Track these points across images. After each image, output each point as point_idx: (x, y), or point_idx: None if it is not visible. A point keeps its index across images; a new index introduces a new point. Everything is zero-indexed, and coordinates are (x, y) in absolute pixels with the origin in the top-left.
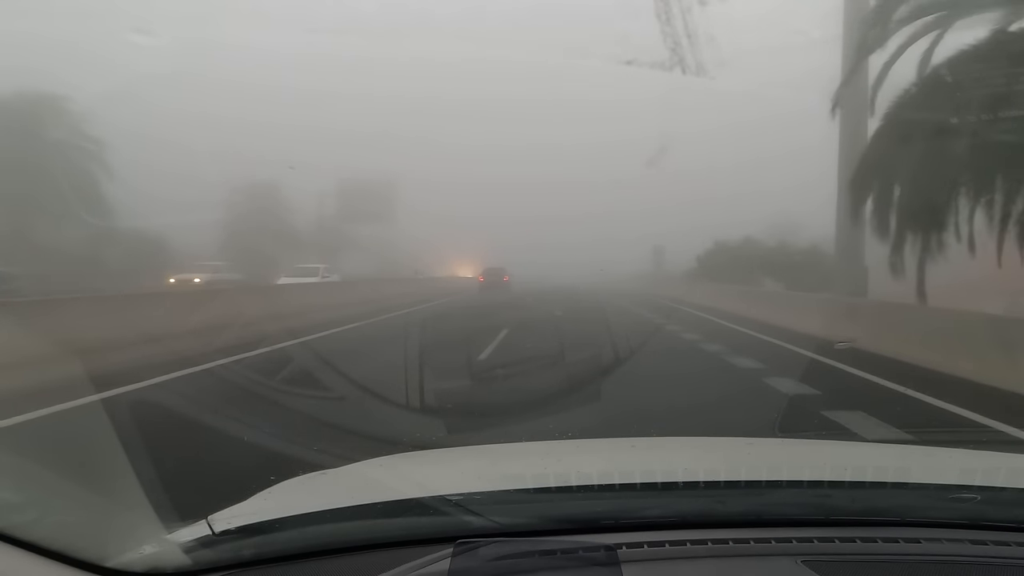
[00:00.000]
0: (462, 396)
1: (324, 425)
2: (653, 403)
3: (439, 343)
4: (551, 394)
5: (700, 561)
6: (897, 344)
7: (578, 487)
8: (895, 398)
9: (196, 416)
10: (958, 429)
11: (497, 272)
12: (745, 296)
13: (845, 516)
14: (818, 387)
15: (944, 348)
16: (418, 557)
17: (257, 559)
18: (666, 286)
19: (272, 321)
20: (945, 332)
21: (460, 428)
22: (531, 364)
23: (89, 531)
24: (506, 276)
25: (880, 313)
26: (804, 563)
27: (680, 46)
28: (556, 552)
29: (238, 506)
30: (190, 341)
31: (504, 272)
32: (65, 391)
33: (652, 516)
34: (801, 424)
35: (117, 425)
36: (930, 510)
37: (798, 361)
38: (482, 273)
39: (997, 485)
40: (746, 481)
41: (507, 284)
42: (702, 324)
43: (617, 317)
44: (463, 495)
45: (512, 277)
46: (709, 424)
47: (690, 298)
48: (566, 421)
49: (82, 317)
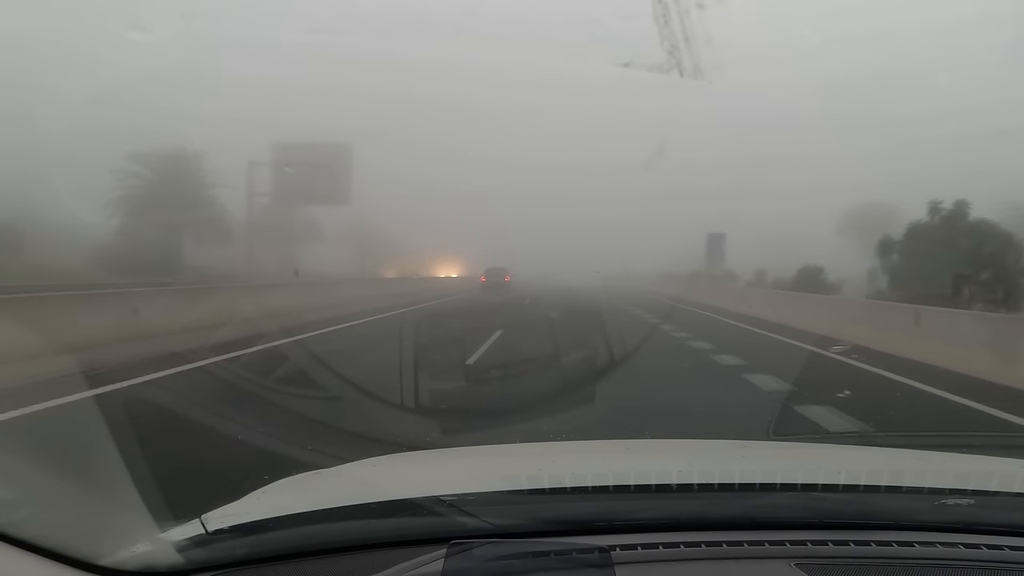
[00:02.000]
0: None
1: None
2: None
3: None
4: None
5: (694, 563)
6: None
7: (572, 488)
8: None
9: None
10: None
11: (499, 272)
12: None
13: (839, 519)
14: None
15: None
16: (412, 558)
17: (250, 558)
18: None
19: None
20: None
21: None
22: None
23: (82, 529)
24: (507, 276)
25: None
26: (797, 566)
27: (678, 49)
28: (550, 553)
29: (231, 505)
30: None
31: (505, 272)
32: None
33: (646, 518)
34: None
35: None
36: (924, 514)
37: None
38: (484, 273)
39: (991, 489)
40: (740, 484)
41: (508, 284)
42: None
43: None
44: (457, 496)
45: (513, 278)
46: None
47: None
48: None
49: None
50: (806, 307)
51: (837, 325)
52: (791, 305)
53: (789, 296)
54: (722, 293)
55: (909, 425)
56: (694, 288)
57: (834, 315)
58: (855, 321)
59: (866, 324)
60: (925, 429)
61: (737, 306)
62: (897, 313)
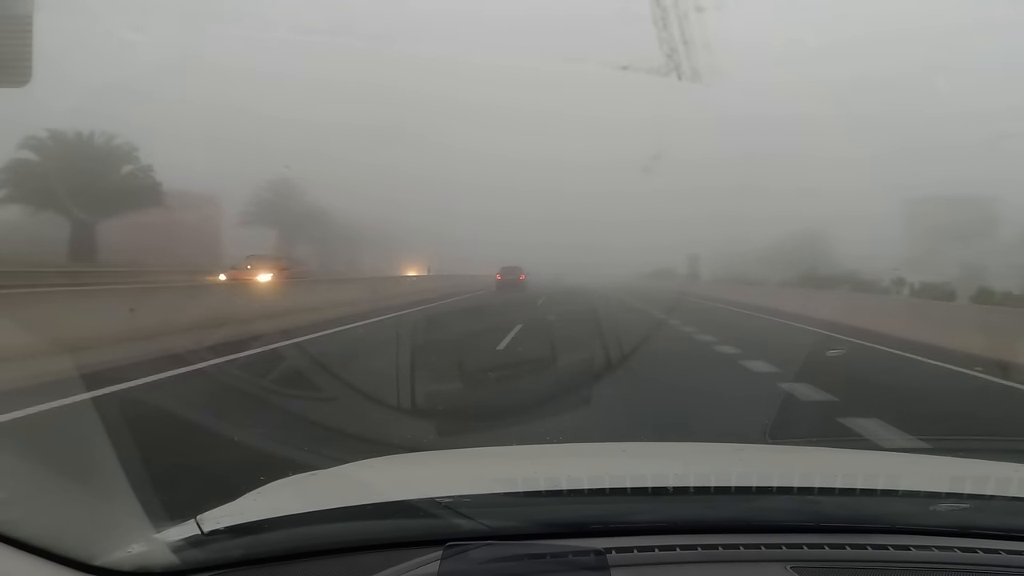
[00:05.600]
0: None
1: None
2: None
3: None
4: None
5: (689, 566)
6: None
7: (568, 491)
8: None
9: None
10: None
11: (514, 271)
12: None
13: (835, 523)
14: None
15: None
16: (407, 559)
17: (246, 559)
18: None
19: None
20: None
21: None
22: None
23: (77, 529)
24: (522, 275)
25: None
26: (793, 569)
27: (676, 52)
28: (545, 556)
29: (227, 506)
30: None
31: (520, 271)
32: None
33: (642, 521)
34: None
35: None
36: (920, 517)
37: None
38: (499, 271)
39: (987, 493)
40: (736, 487)
41: (523, 283)
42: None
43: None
44: (453, 498)
45: (528, 276)
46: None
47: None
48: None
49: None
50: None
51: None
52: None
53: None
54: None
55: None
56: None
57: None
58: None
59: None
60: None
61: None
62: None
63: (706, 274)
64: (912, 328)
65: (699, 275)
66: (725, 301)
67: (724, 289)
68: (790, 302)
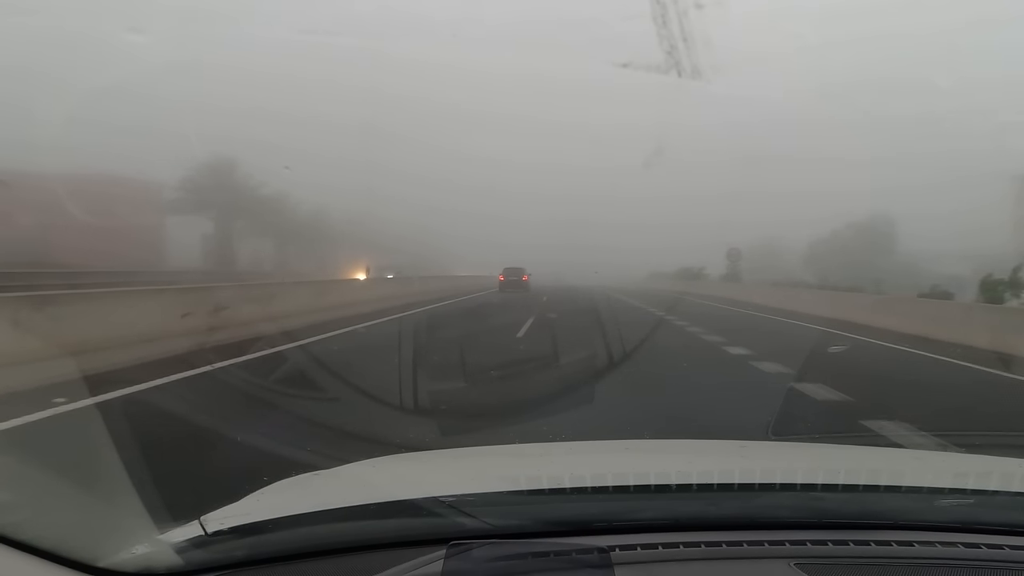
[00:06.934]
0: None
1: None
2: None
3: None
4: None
5: (693, 563)
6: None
7: (571, 489)
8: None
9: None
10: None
11: (516, 271)
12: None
13: (838, 519)
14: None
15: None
16: (411, 558)
17: (250, 560)
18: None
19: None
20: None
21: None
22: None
23: (81, 531)
24: (525, 275)
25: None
26: (797, 566)
27: (676, 49)
28: (549, 554)
29: (231, 506)
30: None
31: (523, 271)
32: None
33: (645, 518)
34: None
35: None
36: (923, 513)
37: None
38: (502, 272)
39: (990, 489)
40: (739, 483)
41: (526, 284)
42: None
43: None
44: (456, 496)
45: (531, 277)
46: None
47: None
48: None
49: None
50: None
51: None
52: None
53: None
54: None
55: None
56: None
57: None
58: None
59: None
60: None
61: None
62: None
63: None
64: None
65: (740, 276)
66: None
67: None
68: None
